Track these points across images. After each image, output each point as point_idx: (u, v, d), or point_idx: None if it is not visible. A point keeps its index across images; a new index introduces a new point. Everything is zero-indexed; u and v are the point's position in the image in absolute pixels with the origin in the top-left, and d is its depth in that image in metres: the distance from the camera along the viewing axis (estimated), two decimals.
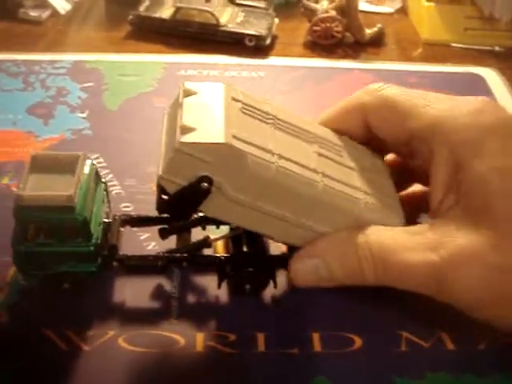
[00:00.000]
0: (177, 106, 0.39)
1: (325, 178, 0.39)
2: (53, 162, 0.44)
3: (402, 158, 0.47)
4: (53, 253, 0.43)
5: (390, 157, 0.47)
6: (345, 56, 0.81)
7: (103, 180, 0.48)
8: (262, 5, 0.86)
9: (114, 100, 0.69)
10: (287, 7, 0.91)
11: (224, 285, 0.47)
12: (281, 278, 0.47)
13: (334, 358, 0.43)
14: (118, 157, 0.60)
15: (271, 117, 0.40)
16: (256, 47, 0.80)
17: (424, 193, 0.46)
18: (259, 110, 0.40)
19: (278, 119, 0.41)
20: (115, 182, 0.57)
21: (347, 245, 0.40)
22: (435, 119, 0.40)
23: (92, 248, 0.44)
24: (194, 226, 0.48)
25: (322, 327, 0.45)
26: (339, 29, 0.81)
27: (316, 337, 0.45)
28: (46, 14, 0.87)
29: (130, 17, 0.84)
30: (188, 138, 0.36)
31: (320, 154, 0.40)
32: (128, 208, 0.54)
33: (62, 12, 0.89)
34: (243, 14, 0.83)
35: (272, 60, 0.79)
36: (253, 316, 0.46)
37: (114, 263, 0.46)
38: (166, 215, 0.47)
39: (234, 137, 0.36)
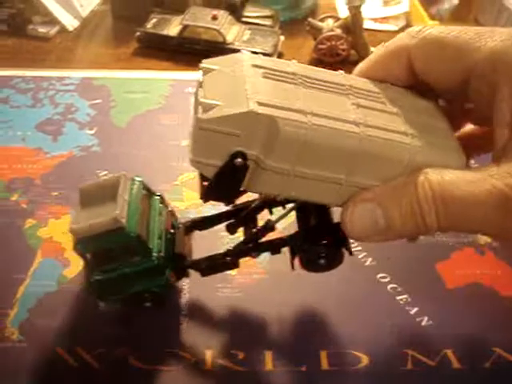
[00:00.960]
0: (198, 85, 0.37)
1: (366, 129, 0.35)
2: (98, 190, 0.45)
3: (450, 105, 0.43)
4: (121, 276, 0.44)
5: None
6: (350, 74, 0.81)
7: (158, 193, 0.49)
8: (268, 23, 0.87)
9: (121, 117, 0.70)
10: (293, 25, 0.92)
11: (230, 304, 0.47)
12: (288, 296, 0.48)
13: (341, 375, 0.44)
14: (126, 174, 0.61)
15: (299, 76, 0.37)
16: None
17: (474, 135, 0.44)
18: (284, 72, 0.37)
19: (307, 77, 0.38)
20: None
21: (404, 186, 0.36)
22: (495, 51, 0.37)
23: (155, 262, 0.44)
24: (259, 212, 0.46)
25: (329, 345, 0.46)
26: (344, 47, 0.82)
27: (323, 355, 0.45)
28: (54, 30, 0.89)
29: (138, 34, 0.85)
30: (210, 115, 0.34)
31: (359, 105, 0.37)
32: None
33: (70, 29, 0.90)
34: (249, 31, 0.84)
35: None
36: (261, 334, 0.47)
37: (188, 270, 0.47)
38: (226, 209, 0.47)
39: (259, 103, 0.34)
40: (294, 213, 0.44)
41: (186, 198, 0.58)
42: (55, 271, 0.51)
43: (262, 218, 0.46)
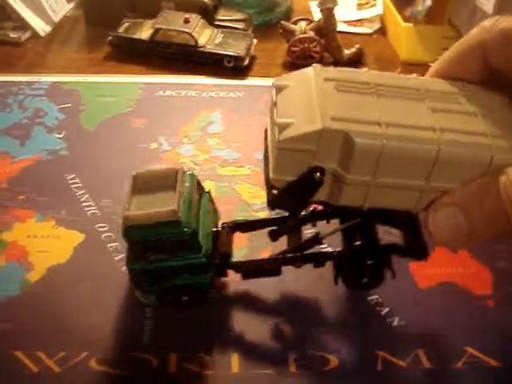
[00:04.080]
0: (273, 105, 0.38)
1: (444, 134, 0.35)
2: (153, 179, 0.45)
3: None
4: (166, 268, 0.44)
5: None
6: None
7: (206, 190, 0.48)
8: (241, 26, 0.87)
9: (91, 121, 0.69)
10: (267, 28, 0.91)
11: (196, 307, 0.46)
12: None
13: (310, 378, 0.43)
14: (94, 177, 0.60)
15: (372, 86, 0.37)
16: (234, 68, 0.80)
17: None
18: (356, 82, 0.37)
19: (380, 85, 0.37)
20: (91, 203, 0.57)
21: (485, 188, 0.35)
22: None
23: (204, 259, 0.44)
24: (304, 223, 0.47)
25: (297, 347, 0.45)
26: (317, 49, 0.81)
27: (291, 357, 0.44)
28: (25, 35, 0.88)
29: (110, 38, 0.84)
30: (286, 134, 0.34)
31: (435, 109, 0.36)
32: (104, 228, 0.54)
33: (42, 34, 0.89)
34: (222, 35, 0.83)
35: (250, 81, 0.79)
36: (228, 337, 0.46)
37: (227, 271, 0.47)
38: (273, 216, 0.48)
39: (333, 118, 0.34)
40: None
41: None
42: (18, 275, 0.50)
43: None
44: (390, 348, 0.45)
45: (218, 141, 0.66)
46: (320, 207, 0.43)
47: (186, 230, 0.42)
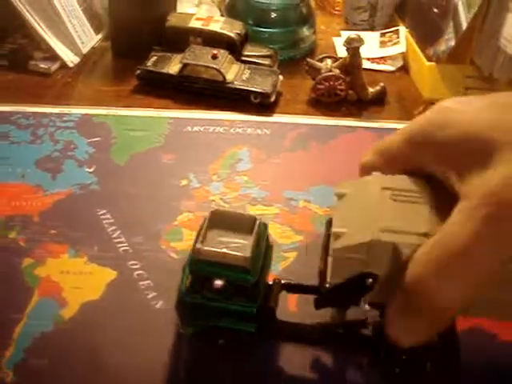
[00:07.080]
0: (332, 210, 0.41)
1: None
2: (230, 219, 0.45)
3: None
4: (217, 308, 0.44)
5: None
6: (348, 114, 0.82)
7: (271, 244, 0.49)
8: (267, 62, 0.88)
9: (121, 155, 0.70)
10: (291, 64, 0.92)
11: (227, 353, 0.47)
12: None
13: None
14: (125, 213, 0.61)
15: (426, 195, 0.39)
16: (261, 104, 0.81)
17: None
18: (411, 190, 0.40)
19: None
20: (122, 239, 0.58)
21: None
22: None
23: (255, 309, 0.44)
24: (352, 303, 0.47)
25: None
26: (342, 87, 0.82)
27: None
28: (55, 66, 0.89)
29: (138, 72, 0.85)
30: (339, 244, 0.37)
31: None
32: (136, 265, 0.55)
33: (71, 65, 0.90)
34: (249, 71, 0.84)
35: (277, 117, 0.80)
36: (266, 378, 0.47)
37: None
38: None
39: (383, 230, 0.37)
40: None
41: (185, 239, 0.58)
42: (52, 311, 0.50)
43: None
44: None
45: (246, 179, 0.67)
46: None
47: (250, 278, 0.43)
